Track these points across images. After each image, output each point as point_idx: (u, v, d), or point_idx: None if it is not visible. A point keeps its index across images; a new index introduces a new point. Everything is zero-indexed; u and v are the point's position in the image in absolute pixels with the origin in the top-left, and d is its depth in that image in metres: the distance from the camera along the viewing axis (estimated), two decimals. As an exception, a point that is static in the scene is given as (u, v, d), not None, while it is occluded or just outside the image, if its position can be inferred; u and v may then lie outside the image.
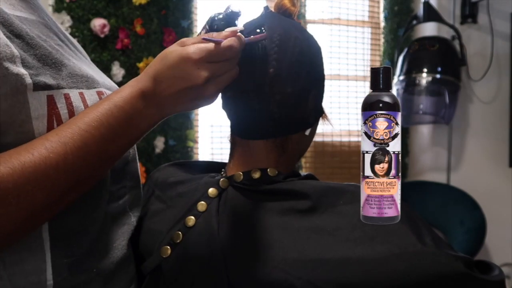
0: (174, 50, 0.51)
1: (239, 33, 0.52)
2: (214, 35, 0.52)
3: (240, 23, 0.57)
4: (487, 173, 2.23)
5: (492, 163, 2.23)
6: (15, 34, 0.46)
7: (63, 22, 1.79)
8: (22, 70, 0.44)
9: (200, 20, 2.08)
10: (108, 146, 0.48)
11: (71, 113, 0.49)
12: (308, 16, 2.22)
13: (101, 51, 1.86)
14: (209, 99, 0.55)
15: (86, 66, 0.57)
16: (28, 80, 0.45)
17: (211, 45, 0.51)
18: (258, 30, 0.60)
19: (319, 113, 0.66)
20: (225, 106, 0.64)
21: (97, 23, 1.82)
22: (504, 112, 2.20)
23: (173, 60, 0.51)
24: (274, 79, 0.58)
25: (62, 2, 1.79)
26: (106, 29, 1.84)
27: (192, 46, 0.51)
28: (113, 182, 0.59)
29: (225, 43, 0.51)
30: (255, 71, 0.58)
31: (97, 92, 0.55)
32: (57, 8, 1.79)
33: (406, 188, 2.29)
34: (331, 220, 0.54)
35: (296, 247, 0.52)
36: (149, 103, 0.51)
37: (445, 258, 0.51)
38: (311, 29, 2.23)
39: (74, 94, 0.50)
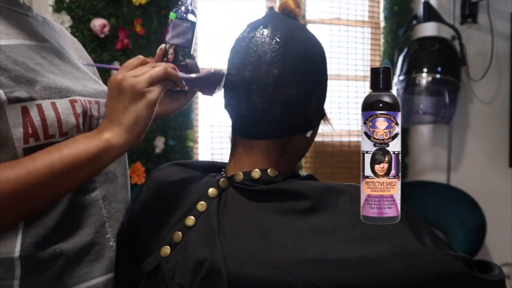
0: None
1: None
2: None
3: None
4: (487, 173, 2.23)
5: (492, 163, 2.23)
6: None
7: (63, 22, 1.79)
8: None
9: (200, 20, 2.08)
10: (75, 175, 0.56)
11: (43, 120, 0.57)
12: (308, 16, 2.22)
13: (101, 51, 1.86)
14: (138, 97, 0.57)
15: (66, 78, 0.64)
16: (3, 97, 0.55)
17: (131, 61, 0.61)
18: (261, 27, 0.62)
19: (321, 115, 0.66)
20: (228, 105, 0.64)
21: (97, 23, 1.82)
22: (504, 112, 2.20)
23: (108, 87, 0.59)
24: (278, 80, 0.58)
25: (62, 2, 1.79)
26: (106, 29, 1.84)
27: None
28: None
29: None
30: (259, 71, 0.59)
31: (70, 101, 0.61)
32: (57, 8, 1.79)
33: (406, 188, 2.27)
34: (331, 220, 0.54)
35: (296, 247, 0.52)
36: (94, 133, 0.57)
37: (445, 258, 0.51)
38: (311, 29, 2.23)
39: (46, 104, 0.58)
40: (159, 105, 0.59)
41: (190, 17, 0.70)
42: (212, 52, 2.09)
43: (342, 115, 2.30)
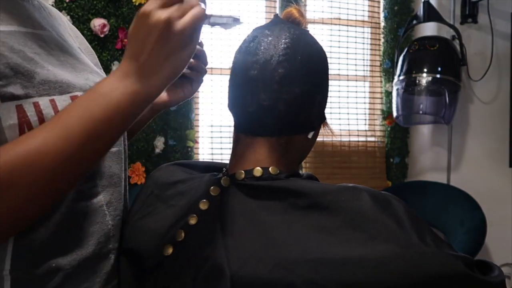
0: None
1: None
2: None
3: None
4: (487, 173, 2.23)
5: (492, 163, 2.23)
6: None
7: (63, 22, 1.79)
8: None
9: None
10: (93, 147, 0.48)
11: (41, 120, 0.50)
12: (308, 16, 2.22)
13: (101, 51, 1.86)
14: (185, 44, 0.50)
15: (66, 71, 0.57)
16: None
17: None
18: (267, 32, 0.62)
19: (322, 118, 0.67)
20: (233, 104, 0.65)
21: (97, 23, 1.82)
22: (504, 112, 2.21)
23: (134, 25, 0.49)
24: (283, 79, 0.60)
25: (62, 2, 1.79)
26: (106, 29, 1.84)
27: (144, 7, 0.50)
28: (83, 181, 0.58)
29: None
30: (266, 70, 0.60)
31: (71, 97, 0.55)
32: (57, 8, 1.78)
33: (406, 188, 2.29)
34: (333, 219, 0.54)
35: (297, 246, 0.52)
36: (126, 79, 0.49)
37: (446, 258, 0.51)
38: (311, 29, 2.23)
39: (44, 102, 0.51)
40: (166, 92, 0.55)
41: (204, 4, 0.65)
42: (212, 52, 2.09)
43: (342, 115, 2.30)
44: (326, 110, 0.69)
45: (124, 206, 0.68)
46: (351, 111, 2.33)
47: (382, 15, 2.38)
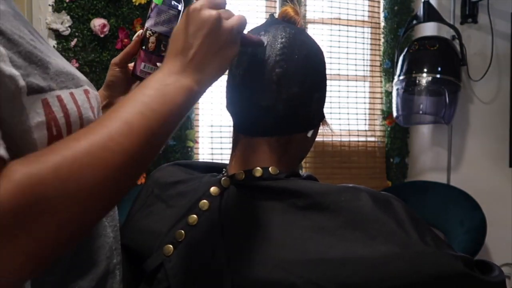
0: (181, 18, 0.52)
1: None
2: None
3: None
4: (487, 173, 2.23)
5: (492, 163, 2.23)
6: None
7: (63, 22, 1.79)
8: (14, 71, 0.38)
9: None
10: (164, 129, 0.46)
11: (67, 116, 0.43)
12: (308, 16, 2.22)
13: (101, 51, 1.86)
14: (233, 42, 0.52)
15: (64, 62, 0.51)
16: (22, 82, 0.38)
17: None
18: (262, 33, 0.63)
19: (321, 116, 0.67)
20: (231, 104, 0.65)
21: (97, 23, 1.82)
22: (504, 112, 2.20)
23: (184, 20, 0.50)
24: (282, 79, 0.60)
25: (62, 2, 1.79)
26: (106, 29, 1.84)
27: (194, 4, 0.51)
28: None
29: None
30: (263, 70, 0.60)
31: (84, 91, 0.49)
32: (57, 8, 1.79)
33: (406, 188, 2.29)
34: (333, 220, 0.54)
35: (297, 246, 0.52)
36: (179, 75, 0.48)
37: (446, 258, 0.51)
38: (311, 29, 2.24)
39: (66, 95, 0.45)
40: None
41: (177, 4, 0.65)
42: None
43: (342, 115, 2.30)
44: (326, 110, 0.69)
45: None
46: (351, 111, 2.33)
47: (382, 15, 2.38)
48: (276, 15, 0.68)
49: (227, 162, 0.68)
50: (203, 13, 0.49)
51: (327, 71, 0.68)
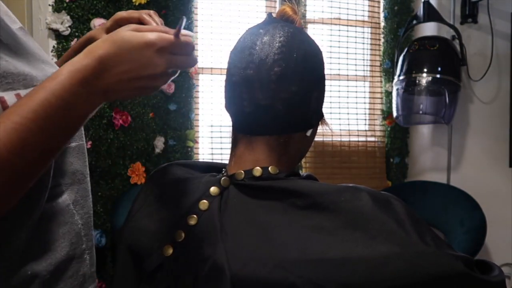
0: (133, 35, 0.49)
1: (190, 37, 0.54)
2: (171, 32, 0.52)
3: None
4: (487, 173, 2.23)
5: (492, 163, 2.23)
6: None
7: (63, 22, 1.79)
8: None
9: (200, 20, 2.08)
10: (47, 138, 0.45)
11: None
12: (308, 16, 2.22)
13: (101, 51, 1.85)
14: (154, 90, 0.53)
15: (23, 61, 0.52)
16: None
17: (171, 37, 0.50)
18: (261, 31, 0.63)
19: (320, 115, 0.67)
20: (230, 104, 0.65)
21: (97, 23, 1.82)
22: (504, 112, 2.20)
23: (135, 44, 0.48)
24: (280, 78, 0.60)
25: (62, 1, 1.79)
26: (106, 29, 1.84)
27: (153, 33, 0.49)
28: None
29: (185, 38, 0.51)
30: (262, 70, 0.60)
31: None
32: (57, 8, 1.79)
33: (406, 188, 2.29)
34: (333, 219, 0.54)
35: (297, 246, 0.52)
36: (92, 89, 0.47)
37: (446, 258, 0.51)
38: (311, 29, 2.24)
39: (10, 97, 0.47)
40: None
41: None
42: (212, 51, 2.09)
43: (342, 115, 2.30)
44: (326, 110, 0.69)
45: (91, 206, 0.66)
46: (351, 111, 2.33)
47: (382, 15, 2.38)
48: (275, 15, 0.68)
49: (227, 162, 0.68)
50: (156, 58, 0.49)
51: (327, 71, 0.67)
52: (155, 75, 0.49)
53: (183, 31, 0.52)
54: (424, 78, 2.05)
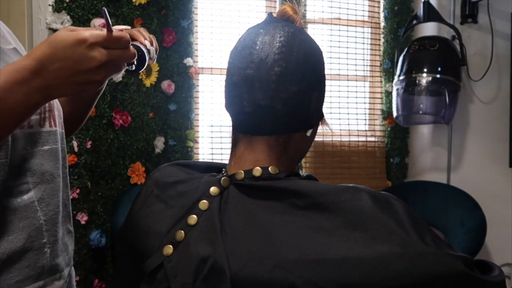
0: (67, 34, 0.52)
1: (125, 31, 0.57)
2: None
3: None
4: (487, 173, 2.23)
5: (492, 163, 2.23)
6: None
7: (63, 22, 1.79)
8: None
9: (200, 20, 2.08)
10: None
11: None
12: (308, 16, 2.22)
13: (101, 51, 1.85)
14: (97, 85, 0.55)
15: None
16: None
17: (104, 32, 0.53)
18: (261, 31, 0.63)
19: (320, 115, 0.67)
20: (230, 104, 0.65)
21: (97, 23, 1.82)
22: (504, 112, 2.21)
23: (67, 42, 0.52)
24: (280, 78, 0.60)
25: (62, 2, 1.79)
26: (106, 29, 1.84)
27: (86, 31, 0.52)
28: (11, 177, 0.62)
29: (117, 32, 0.54)
30: (262, 70, 0.60)
31: None
32: (57, 8, 1.79)
33: (406, 188, 2.29)
34: (332, 220, 0.54)
35: (297, 246, 0.52)
36: (30, 87, 0.52)
37: (446, 258, 0.51)
38: (311, 29, 2.24)
39: None
40: None
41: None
42: (212, 51, 2.09)
43: (342, 115, 2.30)
44: (326, 110, 0.69)
45: (63, 200, 0.70)
46: (351, 111, 2.33)
47: (382, 15, 2.38)
48: (275, 14, 0.68)
49: (227, 162, 0.68)
50: (89, 53, 0.52)
51: (327, 71, 0.67)
52: (92, 69, 0.52)
53: (120, 27, 0.55)
54: (424, 78, 2.05)
